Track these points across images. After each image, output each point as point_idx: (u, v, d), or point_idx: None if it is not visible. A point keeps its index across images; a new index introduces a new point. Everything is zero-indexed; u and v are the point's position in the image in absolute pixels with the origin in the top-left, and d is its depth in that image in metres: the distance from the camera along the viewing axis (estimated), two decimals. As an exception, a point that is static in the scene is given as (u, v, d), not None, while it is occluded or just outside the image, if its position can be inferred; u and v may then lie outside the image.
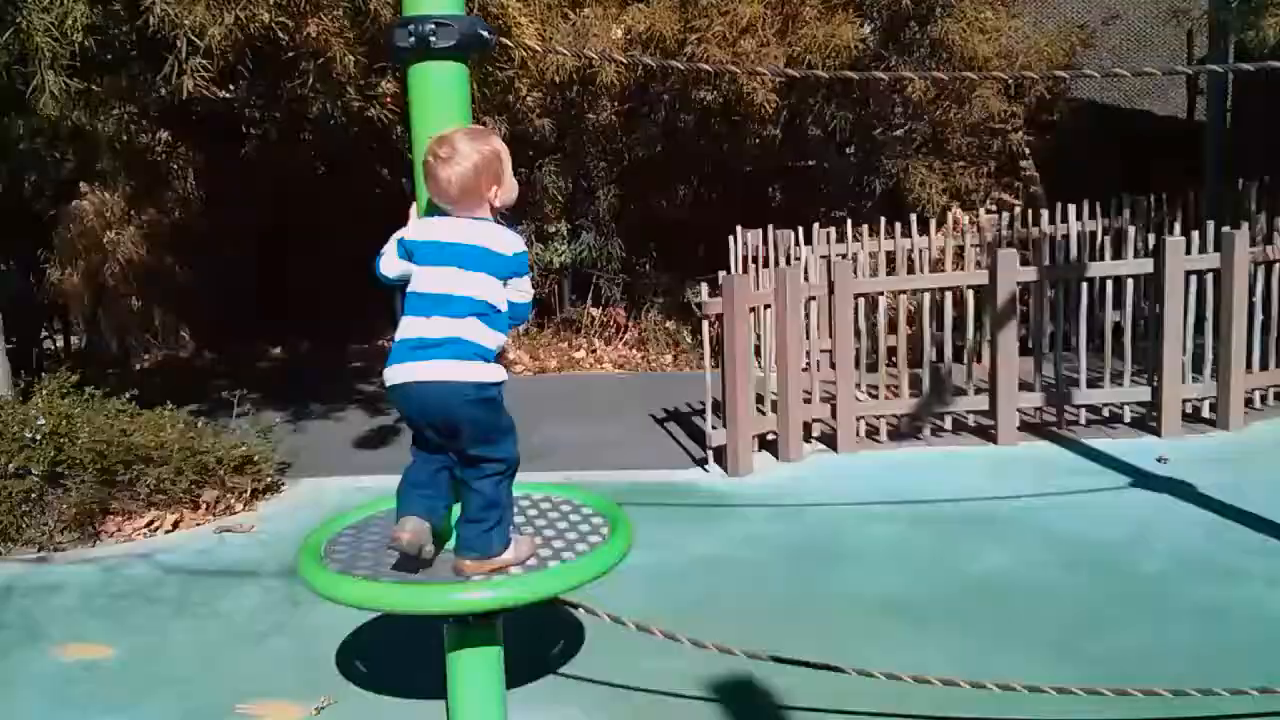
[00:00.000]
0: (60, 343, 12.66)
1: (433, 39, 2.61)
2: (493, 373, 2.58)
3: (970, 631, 4.00)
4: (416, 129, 2.73)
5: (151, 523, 5.71)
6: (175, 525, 5.75)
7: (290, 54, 5.38)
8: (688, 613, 4.27)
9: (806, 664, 3.07)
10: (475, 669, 2.85)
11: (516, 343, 10.82)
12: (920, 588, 4.44)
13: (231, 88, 7.58)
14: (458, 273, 2.56)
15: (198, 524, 5.80)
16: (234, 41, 4.86)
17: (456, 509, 2.73)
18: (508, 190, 2.63)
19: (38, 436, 5.42)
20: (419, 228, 2.64)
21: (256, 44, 5.11)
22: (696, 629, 3.93)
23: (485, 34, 2.71)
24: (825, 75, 6.24)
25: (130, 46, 5.52)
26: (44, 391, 5.92)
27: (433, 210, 2.66)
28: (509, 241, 2.59)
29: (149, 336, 12.41)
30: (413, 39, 2.62)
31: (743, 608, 4.33)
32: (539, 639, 4.02)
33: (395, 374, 2.58)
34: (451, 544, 2.74)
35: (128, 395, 6.14)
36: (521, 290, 2.65)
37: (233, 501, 6.03)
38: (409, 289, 2.63)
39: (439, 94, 2.70)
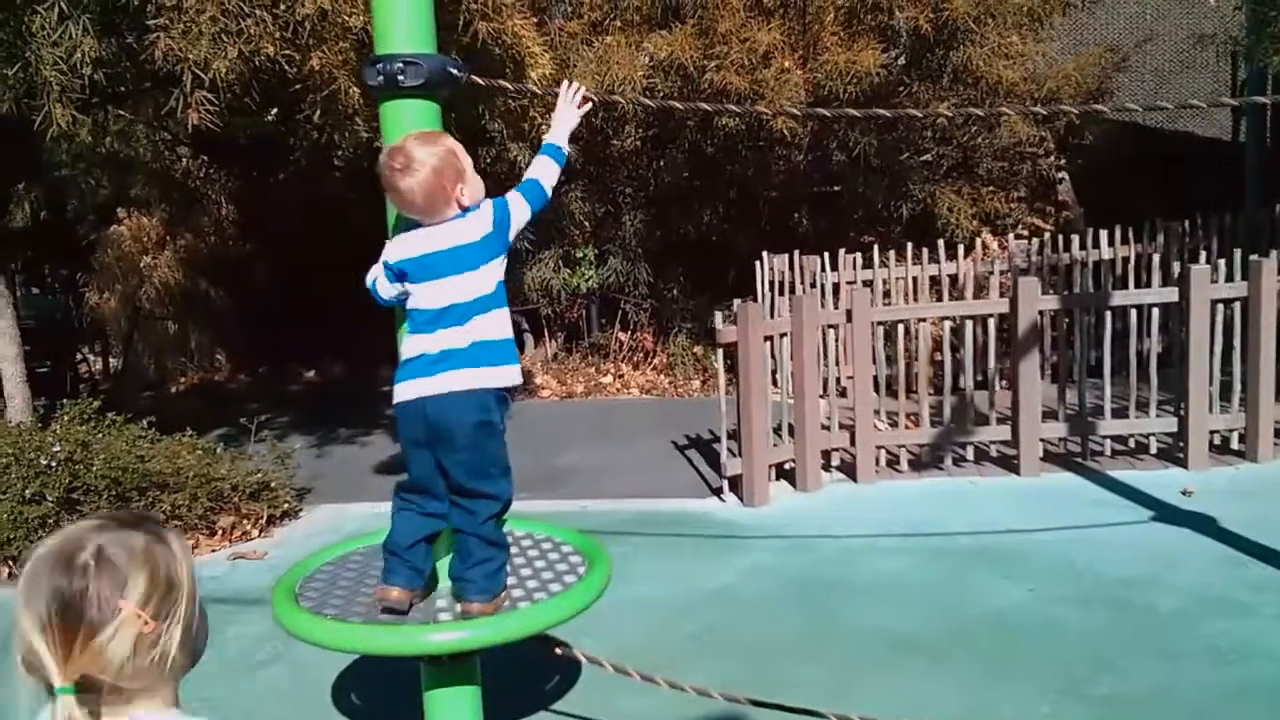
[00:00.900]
0: (98, 365, 12.86)
1: (401, 78, 2.62)
2: (503, 376, 2.56)
3: (977, 669, 3.92)
4: (390, 164, 2.73)
5: (166, 549, 5.74)
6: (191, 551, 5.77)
7: (296, 86, 5.42)
8: (690, 646, 4.23)
9: (786, 708, 3.00)
10: (451, 708, 2.82)
11: (544, 368, 10.83)
12: (929, 623, 4.35)
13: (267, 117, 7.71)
14: (447, 282, 2.55)
15: (213, 550, 5.84)
16: (239, 75, 4.91)
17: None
18: (473, 185, 2.59)
19: (53, 463, 5.48)
20: (396, 247, 2.62)
21: (262, 76, 5.16)
22: (698, 663, 3.90)
23: (455, 72, 2.70)
24: (858, 115, 6.20)
25: (139, 80, 5.59)
26: (64, 418, 5.99)
27: (405, 224, 2.64)
28: (479, 224, 2.56)
29: (184, 359, 12.55)
30: (381, 78, 2.63)
31: (747, 641, 4.27)
32: (533, 675, 3.98)
33: (404, 391, 2.58)
34: (445, 587, 2.74)
35: (146, 422, 6.19)
36: (520, 210, 2.63)
37: (249, 528, 6.07)
38: (408, 306, 2.62)
39: (410, 131, 2.70)
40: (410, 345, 2.60)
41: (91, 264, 12.88)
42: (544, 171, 2.70)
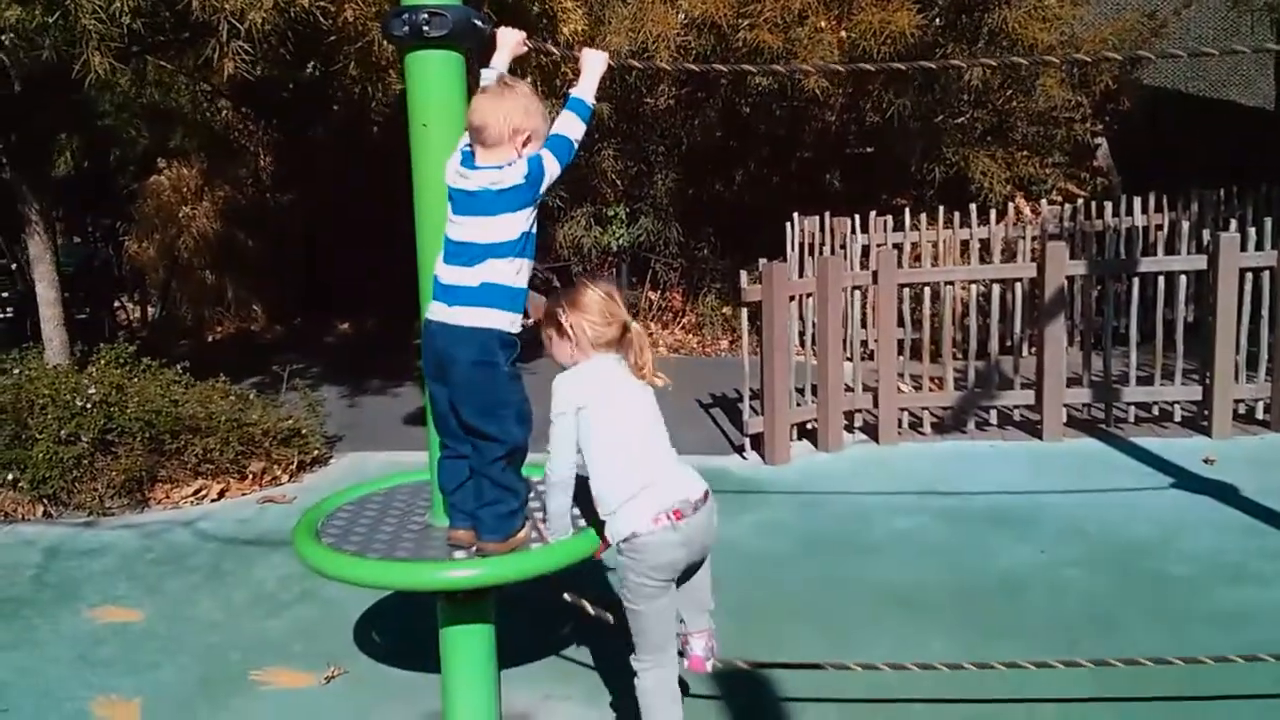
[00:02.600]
0: (136, 313, 13.07)
1: (426, 29, 2.68)
2: (504, 320, 2.63)
3: (978, 627, 3.97)
4: (413, 115, 2.80)
5: (199, 491, 5.90)
6: (221, 494, 5.93)
7: (331, 38, 5.48)
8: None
9: (786, 665, 3.08)
10: (467, 645, 2.93)
11: (574, 324, 10.88)
12: (936, 581, 4.41)
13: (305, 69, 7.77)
14: (469, 220, 2.64)
15: (243, 494, 5.98)
16: (274, 26, 4.98)
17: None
18: (534, 150, 2.66)
19: (88, 405, 5.62)
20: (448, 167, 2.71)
21: (298, 27, 5.22)
22: (701, 614, 3.96)
23: (479, 24, 2.76)
24: (871, 68, 6.16)
25: (178, 29, 5.67)
26: (101, 361, 6.13)
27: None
28: (511, 175, 2.62)
29: (220, 309, 12.73)
30: (406, 28, 2.69)
31: (752, 595, 4.34)
32: (548, 621, 4.07)
33: (430, 311, 2.70)
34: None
35: (181, 367, 6.32)
36: (552, 166, 2.67)
37: (279, 473, 6.20)
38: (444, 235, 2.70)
39: (434, 81, 2.77)
40: (437, 267, 2.70)
41: (131, 213, 13.08)
42: (570, 126, 2.74)
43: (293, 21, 5.08)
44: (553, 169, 2.67)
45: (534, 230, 2.68)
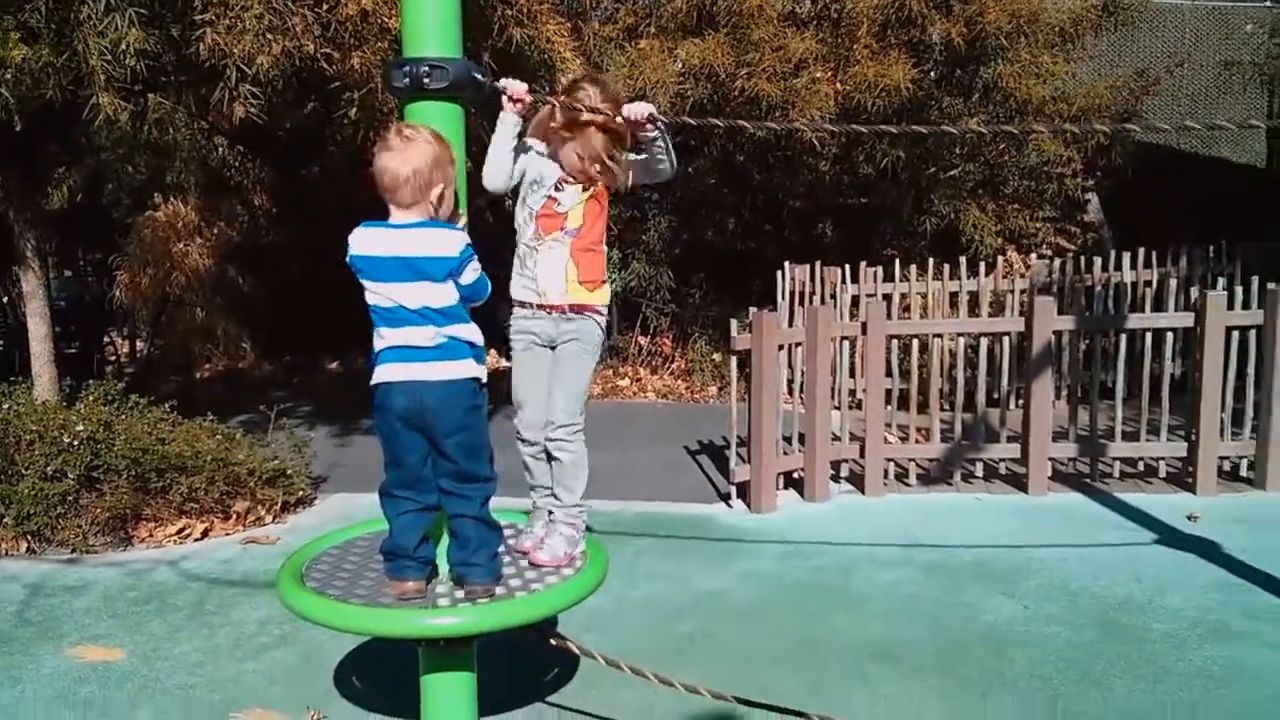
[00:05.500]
0: (125, 348, 13.05)
1: (426, 80, 2.72)
2: (475, 369, 2.71)
3: (962, 683, 3.97)
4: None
5: (182, 530, 5.88)
6: (205, 534, 5.91)
7: (335, 84, 5.54)
8: (682, 647, 4.30)
9: (772, 708, 3.08)
10: (447, 693, 2.92)
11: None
12: (918, 635, 4.41)
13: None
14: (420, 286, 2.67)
15: (227, 534, 5.96)
16: (281, 71, 5.04)
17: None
18: (449, 202, 2.74)
19: (75, 442, 5.62)
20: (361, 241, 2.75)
21: (302, 74, 5.28)
22: (687, 664, 3.98)
23: (479, 77, 2.81)
24: (894, 131, 6.26)
25: (181, 71, 5.74)
26: (89, 398, 6.13)
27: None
28: (453, 242, 2.67)
29: (211, 346, 12.72)
30: (407, 80, 2.73)
31: (736, 645, 4.34)
32: (533, 667, 4.06)
33: (391, 373, 2.71)
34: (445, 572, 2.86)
35: (168, 405, 6.32)
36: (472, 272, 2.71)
37: (262, 513, 6.18)
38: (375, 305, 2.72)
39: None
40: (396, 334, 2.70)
41: (124, 248, 13.10)
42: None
43: (298, 68, 5.14)
44: (471, 275, 2.70)
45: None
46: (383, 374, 2.69)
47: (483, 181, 3.05)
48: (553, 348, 3.13)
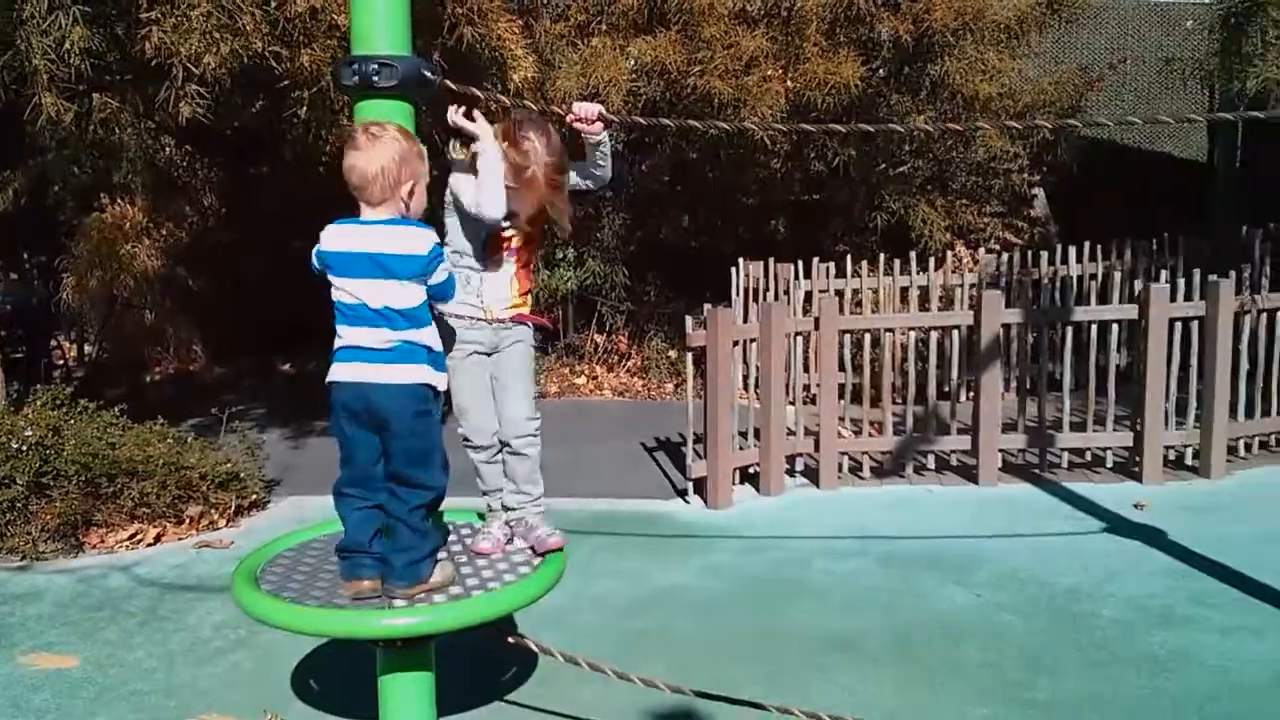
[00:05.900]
0: (74, 352, 12.86)
1: (375, 79, 2.72)
2: (435, 376, 2.73)
3: (917, 672, 4.03)
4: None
5: (134, 535, 5.82)
6: (158, 539, 5.85)
7: (284, 82, 5.50)
8: (639, 642, 4.32)
9: (730, 700, 3.11)
10: (405, 693, 2.92)
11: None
12: (874, 626, 4.47)
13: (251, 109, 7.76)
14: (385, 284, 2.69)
15: (180, 538, 5.89)
16: (229, 70, 4.99)
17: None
18: (420, 198, 2.77)
19: (24, 447, 5.54)
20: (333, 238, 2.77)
21: (252, 72, 5.24)
22: (644, 659, 4.00)
23: (428, 74, 2.81)
24: (842, 130, 6.31)
25: (127, 70, 5.67)
26: (37, 403, 6.05)
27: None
28: (421, 241, 2.69)
29: (160, 349, 12.56)
30: (356, 78, 2.74)
31: (692, 639, 4.38)
32: (493, 666, 4.07)
33: (344, 372, 2.74)
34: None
35: (118, 409, 6.24)
36: (441, 274, 2.75)
37: (216, 517, 6.12)
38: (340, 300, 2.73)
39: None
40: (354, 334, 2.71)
41: (71, 250, 12.89)
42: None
43: (246, 66, 5.10)
44: (440, 276, 2.73)
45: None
46: (336, 373, 2.71)
47: (480, 211, 2.94)
48: (490, 354, 3.16)
